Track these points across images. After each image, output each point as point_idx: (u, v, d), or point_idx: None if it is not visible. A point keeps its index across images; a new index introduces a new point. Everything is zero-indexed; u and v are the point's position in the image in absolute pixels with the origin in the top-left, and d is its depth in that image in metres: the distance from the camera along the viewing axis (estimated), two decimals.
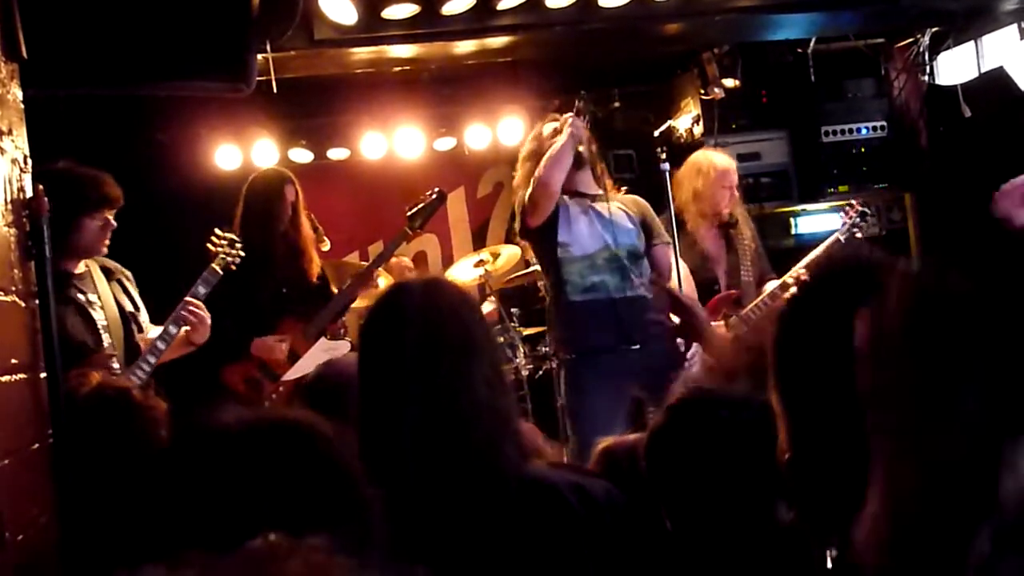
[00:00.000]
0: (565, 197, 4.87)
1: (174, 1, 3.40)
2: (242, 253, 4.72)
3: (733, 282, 5.39)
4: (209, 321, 4.45)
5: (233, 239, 4.71)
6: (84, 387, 2.83)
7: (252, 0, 3.81)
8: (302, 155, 7.53)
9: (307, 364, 4.71)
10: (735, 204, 5.55)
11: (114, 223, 4.20)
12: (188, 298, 4.43)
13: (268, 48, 4.75)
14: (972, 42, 6.75)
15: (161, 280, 4.72)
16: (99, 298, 4.23)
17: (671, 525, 2.02)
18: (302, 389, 3.16)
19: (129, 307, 4.36)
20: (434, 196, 5.47)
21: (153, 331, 4.45)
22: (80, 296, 4.17)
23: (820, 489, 1.35)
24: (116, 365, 4.12)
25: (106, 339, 4.17)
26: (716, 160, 5.53)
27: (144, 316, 4.47)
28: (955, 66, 6.88)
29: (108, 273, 4.38)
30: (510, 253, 7.08)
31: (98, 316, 4.19)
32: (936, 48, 6.83)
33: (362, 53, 5.48)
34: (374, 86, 6.87)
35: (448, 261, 8.07)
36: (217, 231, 4.76)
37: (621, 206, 4.94)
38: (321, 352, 4.93)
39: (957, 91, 6.56)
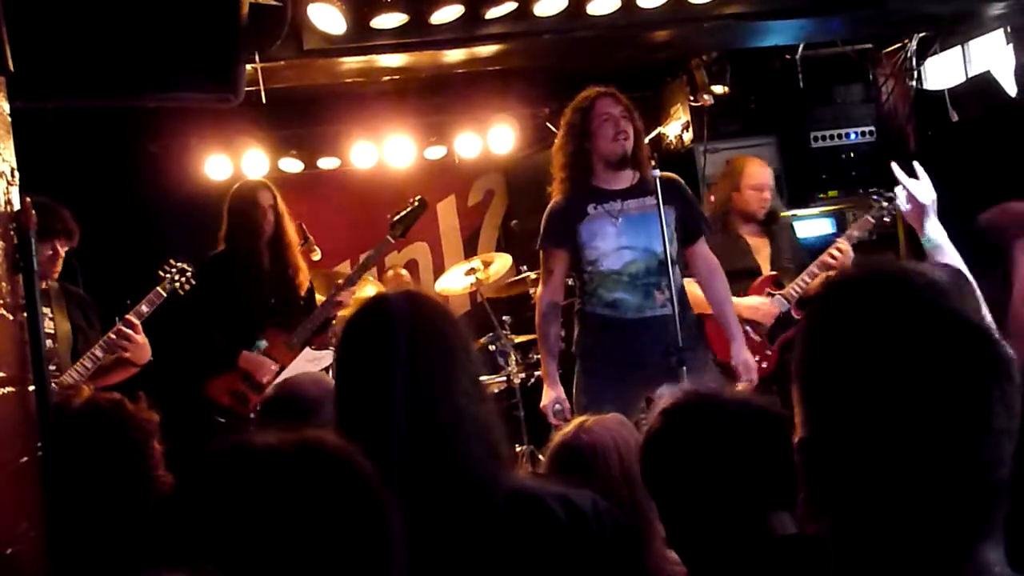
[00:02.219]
0: (592, 206, 4.78)
1: (162, 12, 3.38)
2: (192, 281, 4.82)
3: (775, 268, 5.55)
4: (144, 340, 4.59)
5: (184, 268, 4.85)
6: (76, 399, 2.82)
7: (241, 10, 3.80)
8: (292, 165, 7.52)
9: (292, 374, 4.69)
10: (771, 205, 5.69)
11: (62, 253, 4.39)
12: (125, 319, 4.55)
13: (257, 58, 4.74)
14: (959, 47, 6.76)
15: (150, 290, 4.72)
16: (51, 311, 4.41)
17: (666, 530, 2.00)
18: (259, 408, 3.17)
19: (82, 322, 4.55)
20: (416, 204, 5.47)
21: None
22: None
23: (833, 471, 1.34)
24: (53, 367, 4.21)
25: (48, 343, 4.27)
26: (751, 166, 5.68)
27: (92, 335, 4.62)
28: (942, 71, 6.90)
29: (68, 294, 4.56)
30: (502, 261, 7.07)
31: (47, 325, 4.30)
32: (923, 53, 6.85)
33: (351, 63, 5.47)
34: (364, 95, 6.86)
35: (439, 270, 8.06)
36: (170, 260, 4.85)
37: (659, 198, 4.56)
38: (305, 363, 4.93)
39: (944, 96, 6.58)
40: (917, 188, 3.55)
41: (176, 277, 4.79)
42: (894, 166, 3.73)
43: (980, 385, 1.27)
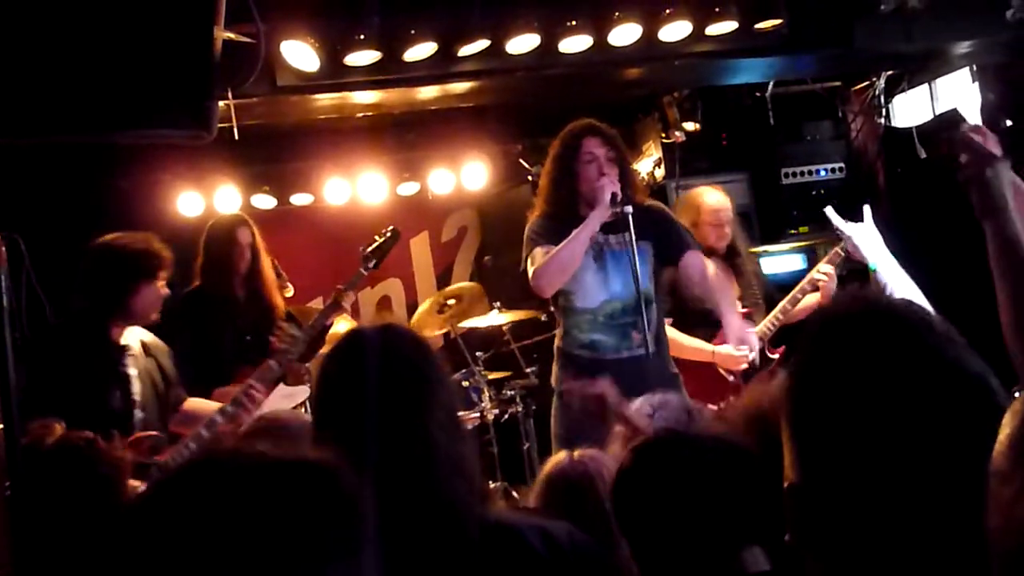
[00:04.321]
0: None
1: (135, 49, 3.39)
2: (297, 351, 4.76)
3: (745, 304, 5.43)
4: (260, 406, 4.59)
5: (296, 336, 4.81)
6: (49, 438, 2.81)
7: (214, 47, 3.82)
8: (265, 201, 7.51)
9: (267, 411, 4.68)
10: (733, 238, 5.58)
11: (166, 290, 4.43)
12: (250, 384, 4.51)
13: (230, 95, 4.75)
14: (926, 85, 6.85)
15: None
16: (138, 373, 4.38)
17: (639, 568, 2.01)
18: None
19: (162, 384, 4.50)
20: (388, 235, 5.45)
21: (192, 401, 4.64)
22: (122, 368, 4.34)
23: (824, 518, 1.33)
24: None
25: (137, 414, 4.30)
26: (706, 199, 5.57)
27: (176, 391, 4.61)
28: (910, 108, 6.99)
29: (146, 348, 4.51)
30: (474, 295, 7.08)
31: (135, 389, 4.34)
32: (892, 91, 6.94)
33: (325, 99, 5.49)
34: (337, 132, 6.88)
35: (412, 306, 8.05)
36: (283, 325, 4.89)
37: (631, 236, 4.61)
38: (280, 398, 4.90)
39: (912, 133, 6.66)
40: (854, 231, 3.61)
41: (289, 349, 4.74)
42: (828, 211, 3.81)
43: (980, 436, 1.27)
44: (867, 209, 3.64)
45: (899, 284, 3.29)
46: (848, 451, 1.30)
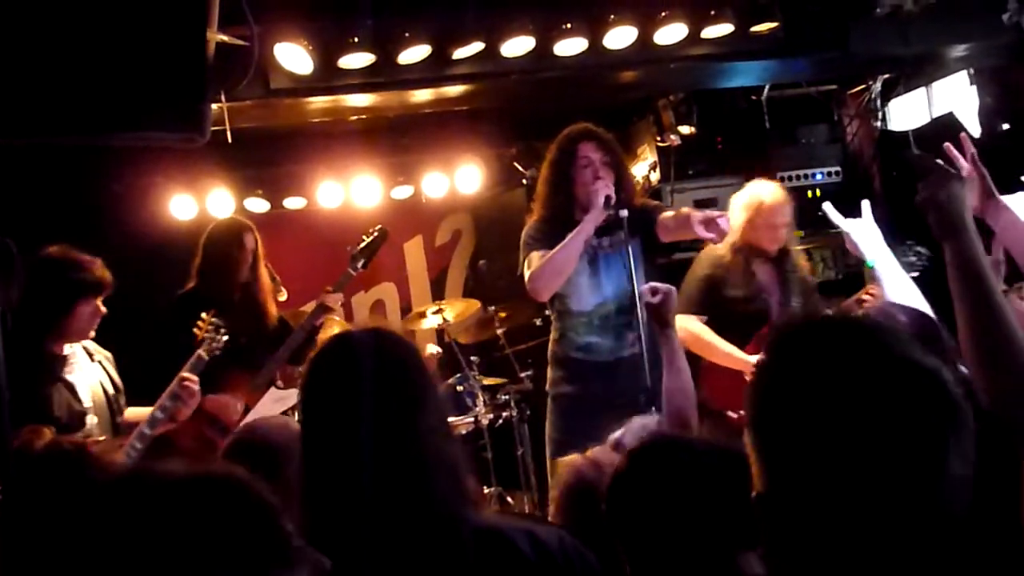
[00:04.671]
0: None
1: (129, 51, 3.39)
2: (225, 338, 4.73)
3: (784, 312, 5.15)
4: (198, 398, 4.54)
5: (219, 324, 4.72)
6: (38, 442, 2.80)
7: (207, 50, 3.81)
8: (258, 204, 7.50)
9: (258, 416, 4.66)
10: (787, 242, 5.27)
11: (104, 309, 4.32)
12: (184, 376, 4.48)
13: (223, 98, 4.75)
14: (923, 88, 6.87)
15: (116, 332, 4.67)
16: (84, 380, 4.34)
17: (632, 572, 2.01)
18: (222, 456, 3.12)
19: (111, 390, 4.46)
20: (376, 234, 5.46)
21: (130, 411, 4.55)
22: (68, 378, 4.29)
23: (792, 526, 1.34)
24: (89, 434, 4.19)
25: (90, 419, 4.27)
26: (765, 196, 5.20)
27: (123, 398, 4.56)
28: (906, 112, 7.00)
29: (90, 355, 4.47)
30: (469, 302, 7.08)
31: (84, 397, 4.29)
32: (888, 94, 6.95)
33: (318, 102, 5.49)
34: (331, 135, 6.88)
35: (406, 311, 8.05)
36: (204, 315, 4.76)
37: (626, 234, 4.55)
38: (271, 403, 4.89)
39: (908, 137, 6.67)
40: (852, 227, 3.60)
41: (214, 336, 4.72)
42: (827, 206, 3.79)
43: (935, 433, 1.28)
44: (866, 204, 3.64)
45: (896, 281, 3.29)
46: (811, 457, 1.32)
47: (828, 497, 1.30)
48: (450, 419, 5.99)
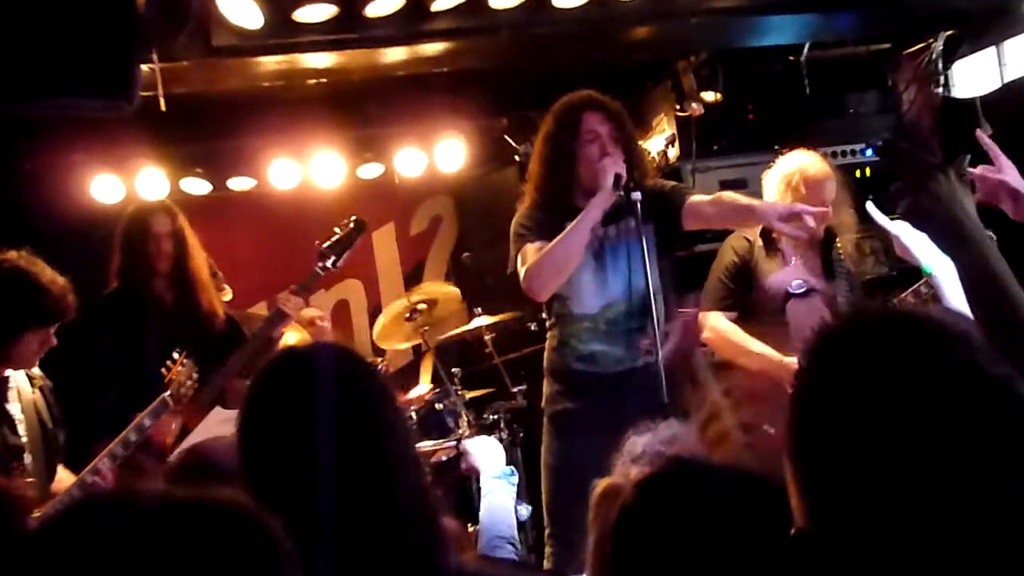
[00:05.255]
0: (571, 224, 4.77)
1: (42, 3, 3.39)
2: (196, 385, 4.78)
3: (832, 312, 5.18)
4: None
5: (193, 368, 4.77)
6: None
7: (136, 0, 3.81)
8: (197, 186, 7.50)
9: (201, 437, 4.66)
10: (834, 220, 5.31)
11: (55, 341, 4.38)
12: (110, 451, 4.54)
13: (155, 58, 4.74)
14: (993, 48, 6.86)
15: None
16: (22, 411, 4.41)
17: None
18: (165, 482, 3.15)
19: (50, 424, 4.54)
20: (352, 226, 5.45)
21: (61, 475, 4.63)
22: (5, 406, 4.36)
23: (841, 572, 1.33)
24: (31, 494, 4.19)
25: (26, 458, 4.35)
26: (809, 168, 5.27)
27: (62, 435, 4.64)
28: (973, 76, 6.99)
29: (31, 380, 4.55)
30: (449, 298, 7.08)
31: (21, 431, 4.37)
32: (951, 55, 6.94)
33: (270, 63, 5.48)
34: (285, 103, 6.86)
35: (375, 312, 8.05)
36: (175, 355, 4.80)
37: (639, 220, 4.62)
38: (217, 425, 4.88)
39: (976, 105, 6.67)
40: (901, 229, 3.62)
41: (185, 383, 4.76)
42: (869, 207, 3.81)
43: (1014, 460, 1.27)
44: (870, 206, 3.67)
45: (957, 291, 3.31)
46: (865, 486, 1.30)
47: (886, 535, 1.28)
48: (427, 443, 6.04)
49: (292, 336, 6.10)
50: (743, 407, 4.95)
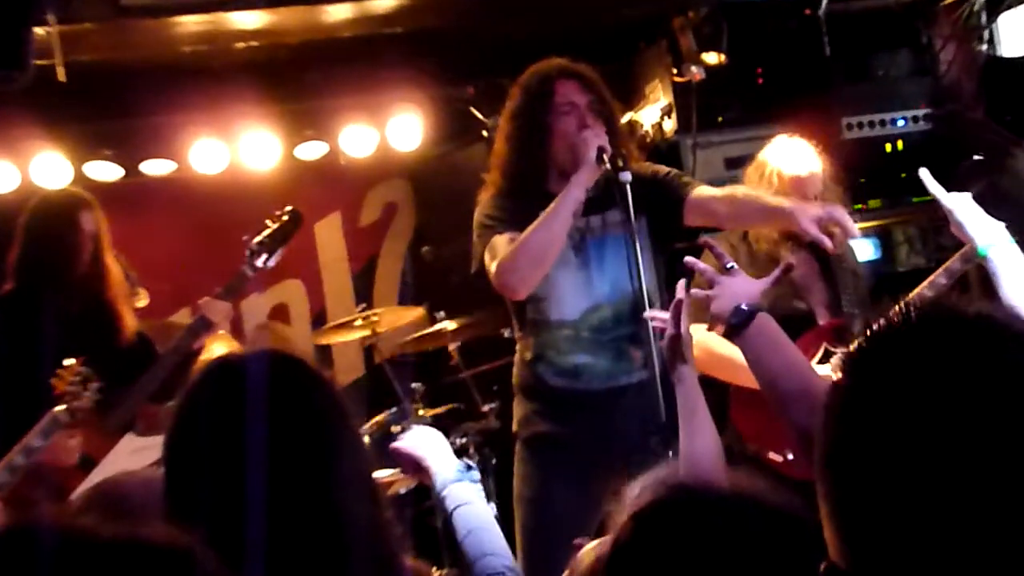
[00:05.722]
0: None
1: None
2: (99, 396, 4.75)
3: (835, 313, 5.31)
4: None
5: (88, 375, 4.74)
6: None
7: None
8: (105, 170, 7.45)
9: (108, 472, 4.64)
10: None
11: None
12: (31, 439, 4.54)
13: (53, 19, 4.72)
14: None
15: None
16: None
17: None
18: None
19: None
20: (286, 218, 5.43)
21: None
22: None
23: None
24: None
25: None
26: (786, 163, 5.36)
27: None
28: (1022, 30, 7.02)
29: None
30: (406, 312, 7.09)
31: None
32: (996, 6, 6.97)
33: (190, 24, 5.47)
34: (208, 72, 6.84)
35: (319, 318, 8.03)
36: (67, 363, 4.76)
37: (630, 213, 4.56)
38: (128, 455, 4.86)
39: None
40: (957, 204, 3.64)
41: (80, 392, 4.74)
42: (923, 174, 3.82)
43: None
44: (925, 173, 3.68)
45: (1018, 274, 3.33)
46: (913, 517, 1.30)
47: (935, 571, 1.29)
48: (382, 473, 6.03)
49: (219, 349, 6.09)
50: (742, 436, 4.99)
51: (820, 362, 5.05)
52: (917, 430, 1.30)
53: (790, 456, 4.78)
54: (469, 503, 3.20)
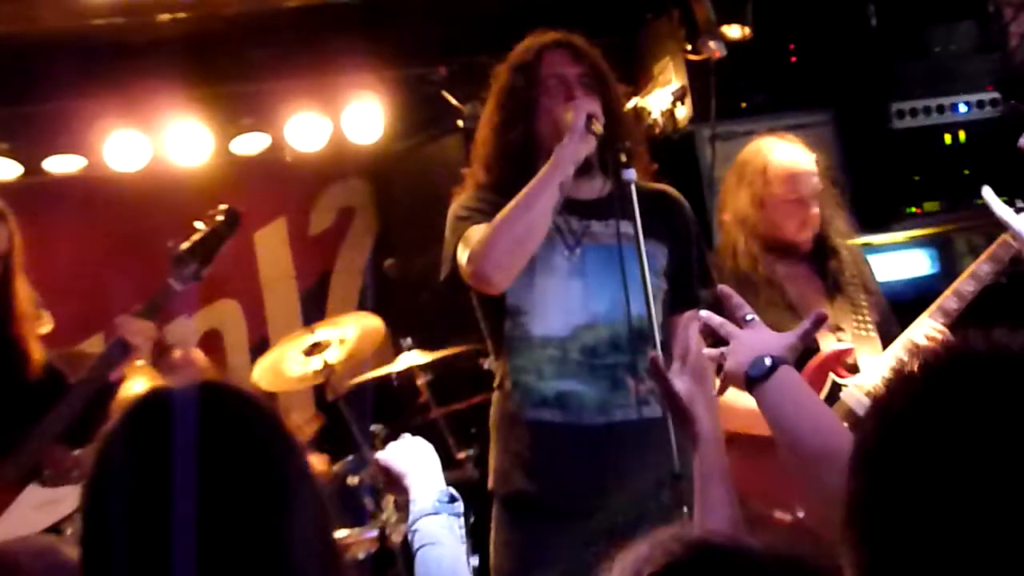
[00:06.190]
0: None
1: None
2: None
3: (849, 337, 5.27)
4: None
5: None
6: None
7: None
8: (2, 168, 7.46)
9: (7, 531, 4.64)
10: (825, 224, 5.40)
11: None
12: None
13: None
14: None
15: None
16: None
17: None
18: None
19: None
20: (218, 220, 5.40)
21: None
22: None
23: None
24: None
25: None
26: (775, 155, 5.36)
27: None
28: None
29: None
30: (367, 329, 7.08)
31: None
32: None
33: None
34: (127, 50, 6.85)
35: (259, 346, 8.04)
36: None
37: (651, 226, 4.53)
38: (32, 510, 4.86)
39: None
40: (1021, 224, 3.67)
41: None
42: (986, 192, 3.84)
43: None
44: (988, 191, 3.71)
45: None
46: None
47: None
48: (339, 532, 6.03)
49: (140, 383, 6.09)
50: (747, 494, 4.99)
51: (828, 396, 5.07)
52: (957, 483, 1.34)
53: (800, 514, 4.78)
54: (436, 544, 3.21)
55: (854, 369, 5.20)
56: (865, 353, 5.27)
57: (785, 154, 5.36)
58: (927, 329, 5.07)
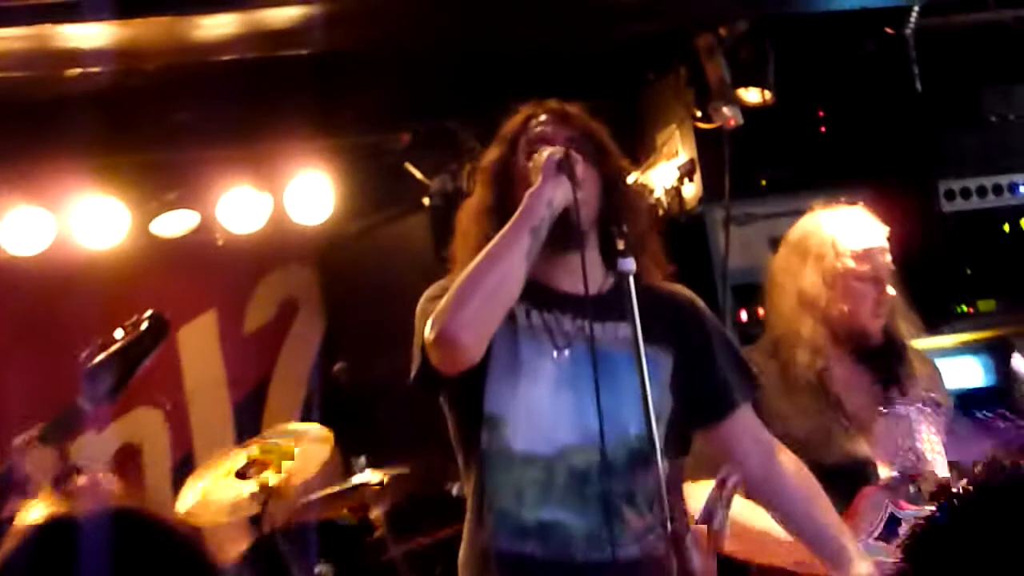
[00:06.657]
0: (523, 309, 4.66)
1: None
2: None
3: (905, 463, 5.17)
4: None
5: None
6: None
7: None
8: None
9: None
10: (893, 314, 5.36)
11: None
12: None
13: None
14: None
15: None
16: None
17: None
18: None
19: None
20: (144, 326, 5.42)
21: None
22: None
23: None
24: None
25: None
26: (844, 226, 5.36)
27: None
28: None
29: None
30: (313, 445, 7.10)
31: None
32: None
33: (9, 38, 5.51)
34: (27, 109, 6.89)
35: (183, 464, 8.04)
36: None
37: (655, 329, 4.55)
38: None
39: None
40: None
41: None
42: (1016, 361, 3.90)
43: None
44: (1018, 359, 3.77)
45: None
46: None
47: None
48: None
49: (39, 509, 6.12)
50: None
51: (884, 530, 5.04)
52: None
53: None
54: None
55: (915, 499, 5.13)
56: (928, 480, 5.18)
57: (855, 224, 5.34)
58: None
